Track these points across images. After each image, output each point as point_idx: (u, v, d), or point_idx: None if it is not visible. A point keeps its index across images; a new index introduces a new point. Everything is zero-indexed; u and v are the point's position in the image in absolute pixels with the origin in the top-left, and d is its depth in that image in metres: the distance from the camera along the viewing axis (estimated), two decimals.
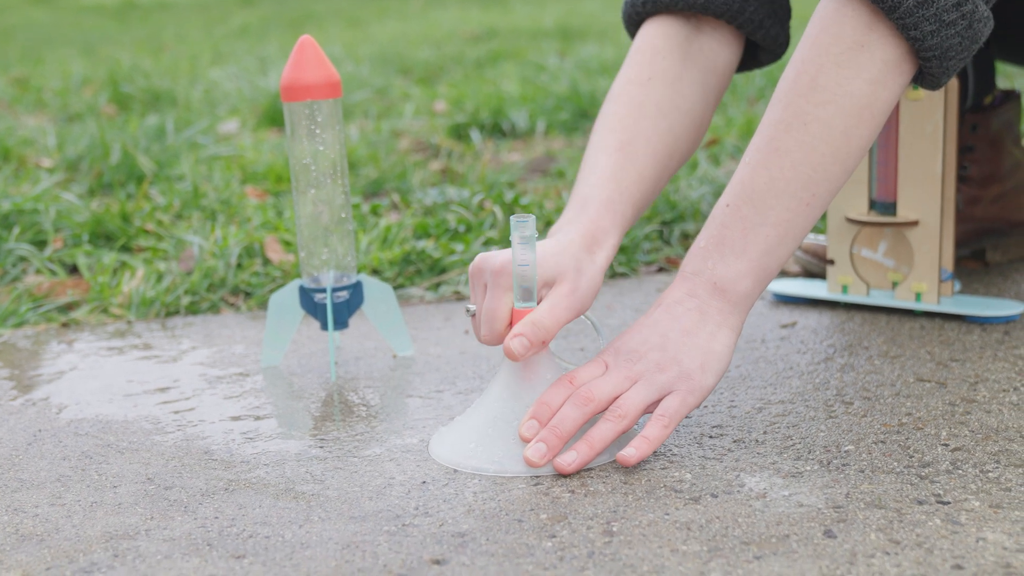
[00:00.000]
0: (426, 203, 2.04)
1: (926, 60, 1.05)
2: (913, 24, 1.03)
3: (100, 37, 5.90)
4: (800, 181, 1.06)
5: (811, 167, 1.06)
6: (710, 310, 1.07)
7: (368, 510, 0.98)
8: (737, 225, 1.07)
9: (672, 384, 1.05)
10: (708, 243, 1.08)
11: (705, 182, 1.98)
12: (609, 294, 1.60)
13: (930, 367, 1.26)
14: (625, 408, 1.04)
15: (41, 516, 1.00)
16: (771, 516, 0.94)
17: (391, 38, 5.02)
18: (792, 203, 1.06)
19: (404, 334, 1.38)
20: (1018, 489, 0.96)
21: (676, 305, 1.08)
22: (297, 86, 1.29)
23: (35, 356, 1.45)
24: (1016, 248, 1.63)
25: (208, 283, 1.67)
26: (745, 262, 1.07)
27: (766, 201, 1.06)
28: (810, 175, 1.06)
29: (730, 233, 1.07)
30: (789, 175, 1.06)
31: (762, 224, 1.06)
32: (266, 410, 1.24)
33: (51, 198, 2.08)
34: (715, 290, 1.07)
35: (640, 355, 1.06)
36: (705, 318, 1.07)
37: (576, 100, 2.89)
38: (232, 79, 3.69)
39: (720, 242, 1.08)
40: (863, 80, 1.05)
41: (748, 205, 1.07)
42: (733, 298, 1.07)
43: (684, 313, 1.07)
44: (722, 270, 1.07)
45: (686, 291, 1.08)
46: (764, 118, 1.09)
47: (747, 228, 1.07)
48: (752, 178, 1.07)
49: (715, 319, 1.07)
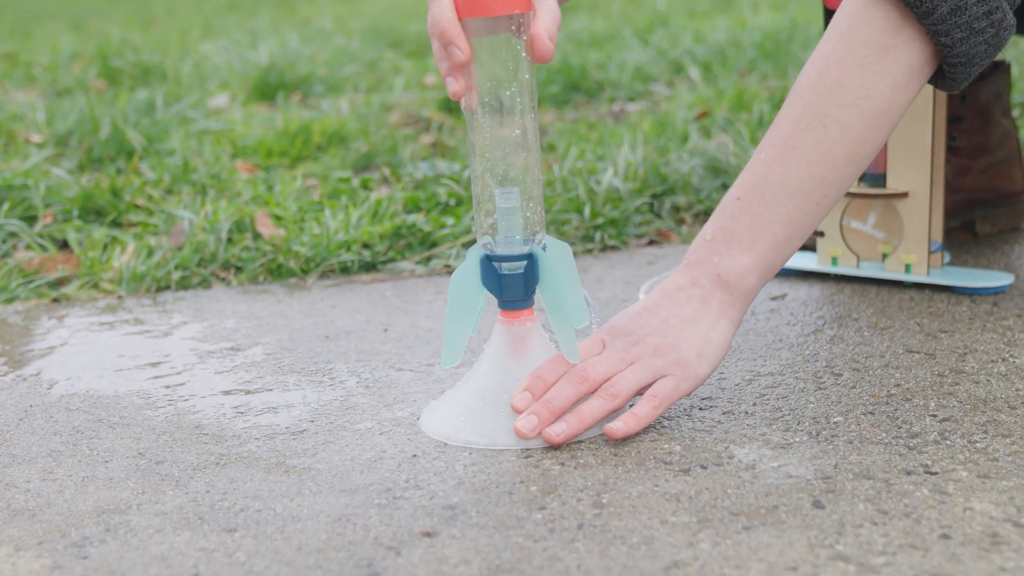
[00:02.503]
0: (416, 177, 2.03)
1: (951, 67, 1.05)
2: (945, 31, 1.02)
3: (89, 11, 5.88)
4: (814, 181, 1.06)
5: (826, 168, 1.06)
6: (712, 301, 1.07)
7: (359, 483, 0.99)
8: (746, 219, 1.07)
9: (667, 369, 1.05)
10: (716, 235, 1.08)
11: (696, 155, 1.98)
12: (599, 267, 1.60)
13: (919, 338, 1.26)
14: (619, 387, 1.04)
15: (33, 491, 1.01)
16: (760, 487, 0.94)
17: (382, 11, 5.00)
18: (803, 202, 1.06)
19: (582, 302, 1.10)
20: (1005, 459, 0.97)
21: (679, 292, 1.08)
22: None
23: (26, 331, 1.45)
24: (1006, 219, 1.63)
25: (199, 258, 1.67)
26: (751, 257, 1.07)
27: (778, 198, 1.06)
28: (824, 175, 1.06)
29: (739, 227, 1.07)
30: (804, 174, 1.06)
31: (772, 221, 1.07)
32: (257, 384, 1.24)
33: (41, 173, 2.08)
34: (719, 282, 1.07)
35: (639, 338, 1.07)
36: (706, 308, 1.07)
37: (567, 73, 2.89)
38: (222, 53, 3.67)
39: (728, 235, 1.08)
40: (886, 84, 1.04)
41: (759, 201, 1.07)
42: (736, 292, 1.08)
43: (686, 301, 1.07)
44: (728, 263, 1.07)
45: (689, 279, 1.08)
46: (782, 113, 1.08)
47: (756, 224, 1.07)
48: (766, 174, 1.07)
49: (716, 310, 1.07)
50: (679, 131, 2.21)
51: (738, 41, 3.15)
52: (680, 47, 3.15)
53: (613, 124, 2.44)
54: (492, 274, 1.07)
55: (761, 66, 2.90)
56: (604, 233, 1.72)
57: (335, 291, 1.56)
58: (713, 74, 2.86)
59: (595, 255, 1.67)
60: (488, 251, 1.07)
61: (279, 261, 1.65)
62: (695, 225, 1.78)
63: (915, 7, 1.02)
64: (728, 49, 3.08)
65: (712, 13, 4.04)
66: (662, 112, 2.48)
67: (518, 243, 1.06)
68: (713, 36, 3.25)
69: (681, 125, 2.26)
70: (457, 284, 1.08)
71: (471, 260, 1.08)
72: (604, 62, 3.00)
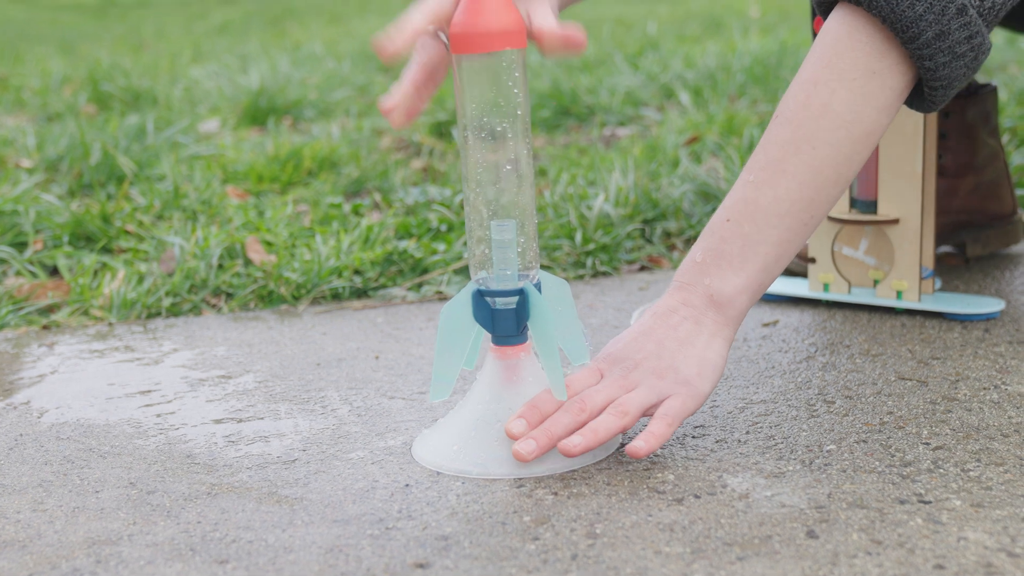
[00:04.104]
0: (408, 202, 2.03)
1: (932, 89, 1.07)
2: (929, 55, 1.04)
3: (79, 34, 5.88)
4: (803, 202, 1.07)
5: (815, 189, 1.07)
6: (705, 320, 1.08)
7: (351, 513, 0.98)
8: (737, 241, 1.07)
9: (671, 389, 1.05)
10: (706, 257, 1.09)
11: (686, 180, 1.98)
12: (591, 293, 1.60)
13: (911, 365, 1.26)
14: (627, 406, 1.04)
15: (23, 522, 1.00)
16: (754, 517, 0.94)
17: (373, 34, 5.02)
18: (793, 223, 1.07)
19: (581, 339, 1.11)
20: (999, 488, 0.97)
21: (671, 314, 1.08)
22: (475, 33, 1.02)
23: (15, 359, 1.45)
24: (996, 240, 1.63)
25: (189, 284, 1.67)
26: (743, 278, 1.07)
27: (769, 220, 1.07)
28: (813, 197, 1.07)
29: (729, 248, 1.08)
30: (795, 196, 1.07)
31: (762, 242, 1.07)
32: (248, 413, 1.24)
33: (31, 199, 2.07)
34: (711, 303, 1.08)
35: (636, 363, 1.07)
36: (700, 327, 1.07)
37: (558, 98, 2.89)
38: (212, 77, 3.68)
39: (719, 256, 1.08)
40: (872, 108, 1.06)
41: (750, 222, 1.07)
42: (729, 312, 1.08)
43: (680, 322, 1.08)
44: (719, 284, 1.08)
45: (681, 300, 1.09)
46: (769, 135, 1.09)
47: (747, 245, 1.07)
48: (756, 196, 1.07)
49: (710, 329, 1.07)
50: (670, 156, 2.21)
51: (728, 66, 3.16)
52: (670, 72, 3.16)
53: (604, 149, 2.45)
54: (485, 309, 1.07)
55: (751, 91, 2.91)
56: (595, 259, 1.72)
57: (326, 318, 1.56)
58: (703, 99, 2.87)
59: (587, 281, 1.67)
60: (483, 286, 1.07)
61: (270, 287, 1.65)
62: (686, 251, 1.78)
63: (901, 33, 1.03)
64: (718, 74, 3.09)
65: (702, 37, 4.05)
66: (652, 137, 2.49)
67: (511, 278, 1.06)
68: (703, 61, 3.27)
69: (671, 150, 2.27)
70: (447, 318, 1.08)
71: (463, 294, 1.08)
72: (595, 86, 3.01)
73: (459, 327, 1.08)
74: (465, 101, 1.04)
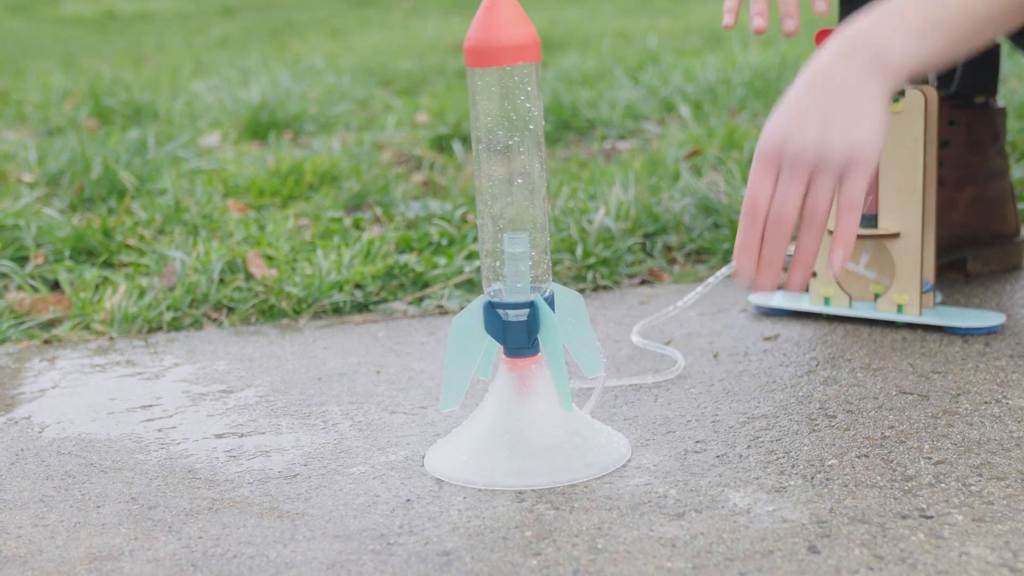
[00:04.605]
0: (408, 216, 2.04)
1: None
2: None
3: (80, 48, 5.89)
4: None
5: None
6: (865, 77, 1.04)
7: (353, 529, 0.98)
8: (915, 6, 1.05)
9: (844, 168, 1.03)
10: (869, 12, 1.06)
11: (687, 194, 1.98)
12: (592, 307, 1.60)
13: (912, 379, 1.26)
14: (816, 211, 1.03)
15: (24, 537, 1.00)
16: (755, 532, 0.94)
17: (373, 48, 5.02)
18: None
19: (594, 351, 1.12)
20: (1000, 503, 0.97)
21: (832, 73, 1.05)
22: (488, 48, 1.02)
23: (17, 374, 1.45)
24: (997, 259, 1.63)
25: (190, 299, 1.67)
26: (910, 38, 1.04)
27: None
28: None
29: (894, 6, 1.05)
30: None
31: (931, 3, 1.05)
32: (249, 427, 1.24)
33: (32, 213, 2.07)
34: (873, 59, 1.04)
35: (803, 150, 1.03)
36: (862, 86, 1.04)
37: (558, 111, 2.90)
38: (213, 91, 3.68)
39: (885, 12, 1.05)
40: None
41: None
42: (890, 66, 1.04)
43: (840, 84, 1.04)
44: (883, 37, 1.05)
45: (843, 55, 1.05)
46: None
47: (925, 15, 1.05)
48: None
49: (870, 90, 1.04)
50: (670, 170, 2.22)
51: (728, 79, 3.17)
52: (671, 85, 3.16)
53: (604, 162, 2.45)
54: (496, 321, 1.07)
55: (751, 104, 2.92)
56: (596, 273, 1.72)
57: (327, 332, 1.56)
58: (704, 112, 2.87)
59: (587, 295, 1.67)
60: (496, 298, 1.07)
61: (271, 302, 1.65)
62: (687, 264, 1.78)
63: None
64: (718, 87, 3.10)
65: (702, 51, 4.05)
66: (653, 150, 2.49)
67: (523, 291, 1.06)
68: (703, 74, 3.27)
69: (672, 164, 2.27)
70: (458, 329, 1.08)
71: (474, 305, 1.08)
72: (595, 100, 3.01)
73: (470, 338, 1.09)
74: (479, 114, 1.05)
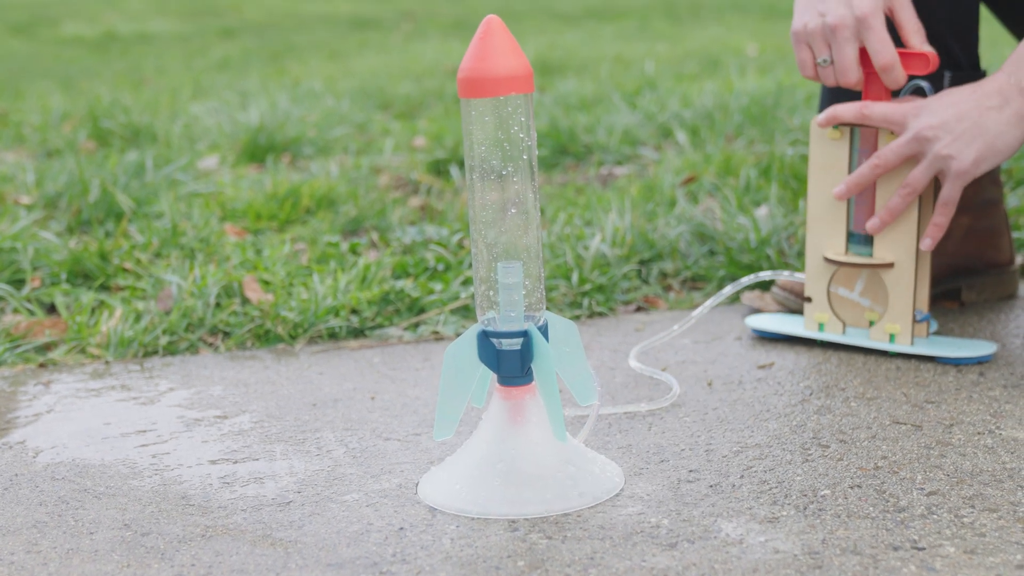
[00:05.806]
0: (405, 241, 2.04)
1: None
2: None
3: (80, 69, 5.90)
4: None
5: None
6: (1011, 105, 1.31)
7: (345, 557, 0.98)
8: None
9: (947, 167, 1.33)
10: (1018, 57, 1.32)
11: (683, 220, 1.99)
12: (587, 334, 1.60)
13: (906, 409, 1.27)
14: (914, 185, 1.36)
15: (17, 563, 1.00)
16: (747, 563, 0.94)
17: (371, 72, 5.04)
18: None
19: (589, 380, 1.12)
20: (992, 535, 0.97)
21: (985, 98, 1.32)
22: (481, 78, 1.03)
23: (12, 398, 1.45)
24: (992, 288, 1.64)
25: (186, 323, 1.67)
26: None
27: None
28: None
29: None
30: None
31: None
32: (243, 453, 1.24)
33: (29, 236, 2.08)
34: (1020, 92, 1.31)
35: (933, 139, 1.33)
36: (1005, 108, 1.31)
37: (555, 136, 2.90)
38: (212, 114, 3.69)
39: None
40: None
41: None
42: None
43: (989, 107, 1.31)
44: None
45: (996, 88, 1.32)
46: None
47: None
48: None
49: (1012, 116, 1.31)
50: (666, 196, 2.22)
51: (725, 105, 3.18)
52: (668, 111, 3.17)
53: (601, 188, 2.45)
54: (490, 350, 1.07)
55: (748, 131, 2.92)
56: (592, 299, 1.73)
57: (323, 357, 1.56)
58: (700, 138, 2.88)
59: (583, 322, 1.67)
60: (490, 327, 1.08)
61: (267, 327, 1.65)
62: (682, 291, 1.78)
63: None
64: (715, 113, 3.11)
65: (699, 76, 4.07)
66: (650, 176, 2.50)
67: (517, 320, 1.07)
68: (700, 100, 3.28)
69: (668, 190, 2.27)
70: (452, 357, 1.09)
71: (468, 334, 1.08)
72: (592, 125, 3.02)
73: (463, 367, 1.09)
74: (473, 144, 1.06)
